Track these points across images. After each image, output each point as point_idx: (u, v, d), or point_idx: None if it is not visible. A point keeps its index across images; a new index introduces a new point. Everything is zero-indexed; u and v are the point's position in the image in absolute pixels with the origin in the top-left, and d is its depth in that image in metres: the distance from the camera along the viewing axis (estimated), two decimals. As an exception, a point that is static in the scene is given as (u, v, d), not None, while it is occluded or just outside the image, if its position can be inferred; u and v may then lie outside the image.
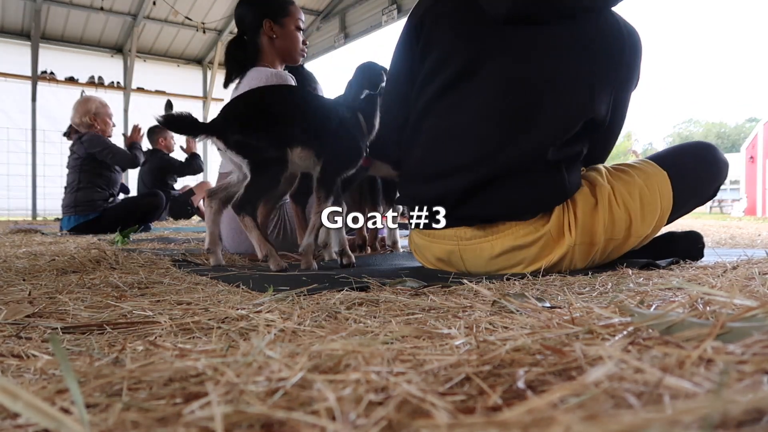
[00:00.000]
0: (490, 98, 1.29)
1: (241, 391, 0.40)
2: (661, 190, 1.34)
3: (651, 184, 1.34)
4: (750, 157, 13.65)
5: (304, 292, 0.99)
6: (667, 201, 1.35)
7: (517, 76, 1.28)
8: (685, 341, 0.48)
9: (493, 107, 1.29)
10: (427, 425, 0.34)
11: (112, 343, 0.65)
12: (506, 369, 0.46)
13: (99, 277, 1.25)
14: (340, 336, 0.62)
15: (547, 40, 1.27)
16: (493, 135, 1.28)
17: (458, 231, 1.34)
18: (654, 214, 1.33)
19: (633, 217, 1.32)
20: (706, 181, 1.44)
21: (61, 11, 7.51)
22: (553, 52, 1.27)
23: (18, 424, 0.37)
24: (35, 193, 7.72)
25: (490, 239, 1.30)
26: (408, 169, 1.48)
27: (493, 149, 1.27)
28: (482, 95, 1.30)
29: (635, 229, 1.33)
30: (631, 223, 1.32)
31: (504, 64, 1.29)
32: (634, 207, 1.32)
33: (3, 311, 0.81)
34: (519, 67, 1.28)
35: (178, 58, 9.14)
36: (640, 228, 1.33)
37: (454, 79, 1.32)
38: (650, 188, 1.34)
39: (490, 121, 1.29)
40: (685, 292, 0.90)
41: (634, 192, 1.33)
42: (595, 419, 0.32)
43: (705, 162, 1.44)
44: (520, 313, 0.71)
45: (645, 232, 1.34)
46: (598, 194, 1.31)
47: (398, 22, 7.25)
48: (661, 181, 1.35)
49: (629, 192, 1.32)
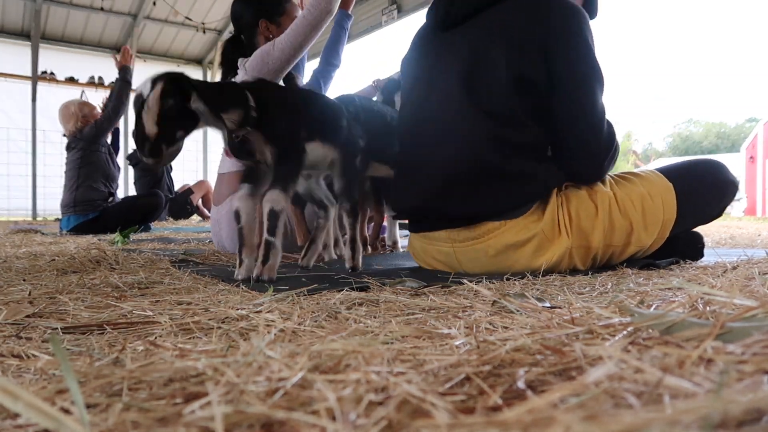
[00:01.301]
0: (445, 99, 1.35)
1: (241, 391, 0.40)
2: (664, 200, 1.33)
3: (654, 194, 1.33)
4: (750, 157, 13.66)
5: (304, 292, 0.99)
6: (670, 212, 1.33)
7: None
8: (685, 341, 0.48)
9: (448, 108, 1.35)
10: (427, 425, 0.34)
11: (112, 343, 0.65)
12: (506, 369, 0.46)
13: (99, 277, 1.25)
14: (340, 336, 0.62)
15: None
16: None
17: (451, 233, 1.34)
18: (656, 225, 1.32)
19: (634, 225, 1.31)
20: (712, 200, 1.42)
21: (61, 11, 7.50)
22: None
23: (18, 424, 0.37)
24: (35, 193, 7.71)
25: (483, 240, 1.30)
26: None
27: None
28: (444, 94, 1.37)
29: (636, 238, 1.32)
30: (632, 231, 1.31)
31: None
32: (635, 215, 1.31)
33: (3, 311, 0.81)
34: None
35: (178, 58, 9.13)
36: (641, 237, 1.32)
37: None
38: (653, 197, 1.33)
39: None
40: (685, 292, 0.90)
41: (636, 200, 1.32)
42: (595, 419, 0.32)
43: (714, 181, 1.42)
44: (520, 313, 0.71)
45: (647, 241, 1.33)
46: (598, 200, 1.31)
47: (398, 22, 7.24)
48: (665, 191, 1.34)
49: (631, 200, 1.31)
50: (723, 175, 1.43)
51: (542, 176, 1.29)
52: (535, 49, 1.25)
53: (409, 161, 1.42)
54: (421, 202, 1.37)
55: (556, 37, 1.25)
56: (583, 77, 1.27)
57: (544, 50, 1.25)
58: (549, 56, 1.25)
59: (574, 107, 1.28)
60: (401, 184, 1.46)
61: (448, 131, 1.32)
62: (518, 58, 1.25)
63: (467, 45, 1.32)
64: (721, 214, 1.49)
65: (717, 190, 1.43)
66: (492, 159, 1.27)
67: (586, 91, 1.27)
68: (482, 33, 1.31)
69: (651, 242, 1.34)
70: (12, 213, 7.62)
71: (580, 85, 1.27)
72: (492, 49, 1.28)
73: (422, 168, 1.37)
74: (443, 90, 1.35)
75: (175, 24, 8.13)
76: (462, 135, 1.30)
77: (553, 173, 1.31)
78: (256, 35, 2.14)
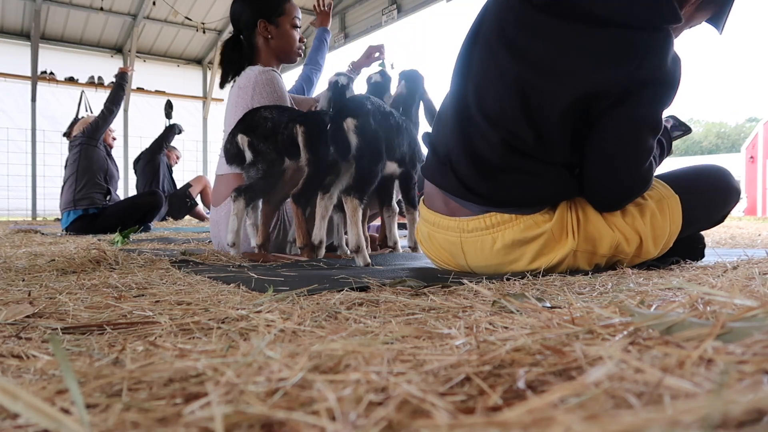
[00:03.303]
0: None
1: (241, 391, 0.40)
2: (671, 214, 1.34)
3: (662, 208, 1.33)
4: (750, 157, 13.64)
5: (304, 292, 0.99)
6: (676, 225, 1.35)
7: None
8: (685, 341, 0.48)
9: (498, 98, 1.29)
10: (427, 425, 0.34)
11: (112, 344, 0.65)
12: (506, 369, 0.46)
13: (99, 277, 1.25)
14: (340, 336, 0.62)
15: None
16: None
17: (461, 222, 1.34)
18: (663, 237, 1.34)
19: (644, 239, 1.32)
20: (715, 206, 1.43)
21: (60, 11, 7.50)
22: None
23: (18, 425, 0.37)
24: (35, 193, 7.72)
25: (492, 232, 1.30)
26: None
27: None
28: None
29: (645, 251, 1.33)
30: (641, 244, 1.32)
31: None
32: (644, 231, 1.31)
33: (3, 311, 0.81)
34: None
35: (178, 58, 9.14)
36: (649, 249, 1.33)
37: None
38: (662, 212, 1.33)
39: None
40: (685, 292, 0.90)
41: (646, 216, 1.32)
42: (595, 419, 0.32)
43: (718, 188, 1.43)
44: (520, 313, 0.71)
45: (654, 253, 1.35)
46: (608, 212, 1.31)
47: (398, 22, 7.24)
48: (672, 205, 1.34)
49: (641, 215, 1.32)
50: (727, 183, 1.44)
51: (567, 184, 1.27)
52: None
53: (445, 144, 1.38)
54: (448, 155, 1.34)
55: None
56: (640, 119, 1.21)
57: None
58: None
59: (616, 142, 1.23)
60: (434, 158, 1.42)
61: (494, 125, 1.28)
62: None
63: (532, 51, 1.24)
64: (724, 219, 1.50)
65: (721, 198, 1.44)
66: (525, 158, 1.26)
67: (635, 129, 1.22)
68: (549, 44, 1.23)
69: (657, 253, 1.35)
70: (12, 213, 7.62)
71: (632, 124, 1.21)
72: (558, 63, 1.21)
73: (457, 152, 1.33)
74: (498, 89, 1.28)
75: (175, 24, 8.14)
76: (502, 135, 1.26)
77: (574, 185, 1.30)
78: (254, 36, 2.14)
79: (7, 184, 7.59)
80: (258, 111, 1.85)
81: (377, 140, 1.63)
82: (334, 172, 1.69)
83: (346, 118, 1.60)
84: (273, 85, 2.01)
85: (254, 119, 1.82)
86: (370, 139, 1.60)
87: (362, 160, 1.60)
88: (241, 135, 1.81)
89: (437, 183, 1.38)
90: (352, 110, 1.62)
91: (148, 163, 5.56)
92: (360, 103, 1.66)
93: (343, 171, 1.69)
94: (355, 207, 1.58)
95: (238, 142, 1.81)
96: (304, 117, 1.77)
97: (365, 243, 1.67)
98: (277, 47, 2.15)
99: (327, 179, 1.70)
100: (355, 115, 1.60)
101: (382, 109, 1.70)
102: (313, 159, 1.72)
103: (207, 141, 9.31)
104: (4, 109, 7.70)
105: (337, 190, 1.69)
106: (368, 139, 1.60)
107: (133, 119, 8.55)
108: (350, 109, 1.63)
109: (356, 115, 1.60)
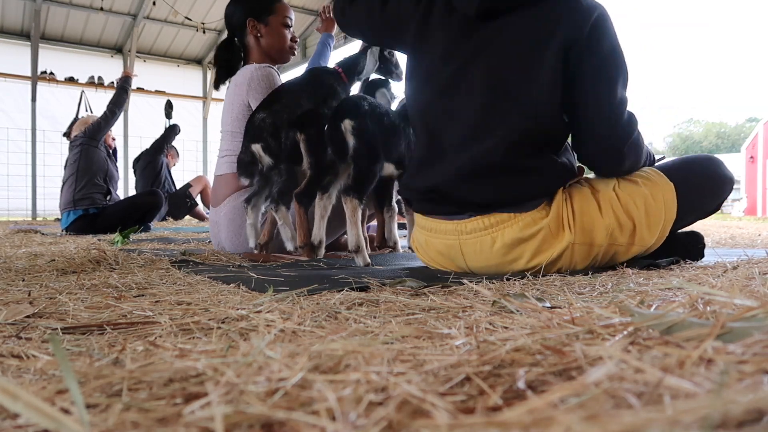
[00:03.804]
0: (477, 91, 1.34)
1: (241, 391, 0.40)
2: (666, 200, 1.34)
3: (656, 194, 1.34)
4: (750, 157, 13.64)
5: (304, 292, 0.99)
6: (671, 212, 1.35)
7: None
8: (685, 341, 0.48)
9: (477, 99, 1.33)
10: (427, 425, 0.34)
11: (112, 344, 0.65)
12: (506, 369, 0.46)
13: (99, 277, 1.25)
14: (340, 336, 0.62)
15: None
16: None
17: (459, 225, 1.34)
18: (658, 224, 1.34)
19: (637, 224, 1.32)
20: (709, 196, 1.44)
21: (60, 11, 7.50)
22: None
23: (18, 425, 0.37)
24: (35, 193, 7.71)
25: (491, 231, 1.31)
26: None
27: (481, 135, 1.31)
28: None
29: (639, 238, 1.33)
30: (634, 230, 1.32)
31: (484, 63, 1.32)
32: (638, 215, 1.32)
33: (3, 311, 0.81)
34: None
35: (178, 58, 9.12)
36: (644, 236, 1.33)
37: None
38: (655, 198, 1.34)
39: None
40: (685, 292, 0.90)
41: (639, 200, 1.32)
42: (595, 419, 0.32)
43: (712, 177, 1.44)
44: (520, 313, 0.71)
45: (649, 241, 1.34)
46: (601, 199, 1.32)
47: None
48: (666, 191, 1.35)
49: (634, 200, 1.32)
50: (719, 171, 1.45)
51: (560, 171, 1.32)
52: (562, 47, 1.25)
53: (431, 145, 1.41)
54: (436, 185, 1.36)
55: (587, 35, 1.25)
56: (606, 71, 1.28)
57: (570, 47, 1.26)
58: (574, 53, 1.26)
59: (591, 99, 1.29)
60: (418, 165, 1.45)
61: (479, 125, 1.32)
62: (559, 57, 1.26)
63: (507, 39, 1.31)
64: (718, 209, 1.50)
65: (714, 186, 1.44)
66: (517, 154, 1.28)
67: (606, 83, 1.28)
68: (521, 29, 1.29)
69: (653, 242, 1.35)
70: (12, 213, 7.61)
71: (600, 78, 1.28)
72: (536, 47, 1.27)
73: (444, 155, 1.36)
74: (475, 84, 1.33)
75: (175, 24, 8.13)
76: (491, 129, 1.30)
77: (567, 168, 1.34)
78: (246, 35, 2.13)
79: (7, 184, 7.58)
80: (252, 117, 1.85)
81: (375, 140, 1.63)
82: (333, 172, 1.69)
83: (343, 120, 1.60)
84: (269, 80, 2.00)
85: (254, 126, 1.82)
86: (367, 140, 1.60)
87: (360, 160, 1.60)
88: (253, 145, 1.81)
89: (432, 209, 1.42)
90: (348, 112, 1.62)
91: (149, 164, 5.56)
92: (356, 104, 1.66)
93: (341, 171, 1.69)
94: (355, 207, 1.58)
95: (253, 152, 1.81)
96: (302, 123, 1.76)
97: (365, 243, 1.66)
98: (268, 46, 2.14)
99: (326, 179, 1.69)
100: (352, 116, 1.60)
101: (378, 109, 1.70)
102: (315, 162, 1.72)
103: (207, 141, 9.30)
104: (4, 109, 7.69)
105: (335, 190, 1.69)
106: (366, 139, 1.60)
107: (133, 119, 8.54)
108: (347, 111, 1.63)
109: (353, 116, 1.60)
